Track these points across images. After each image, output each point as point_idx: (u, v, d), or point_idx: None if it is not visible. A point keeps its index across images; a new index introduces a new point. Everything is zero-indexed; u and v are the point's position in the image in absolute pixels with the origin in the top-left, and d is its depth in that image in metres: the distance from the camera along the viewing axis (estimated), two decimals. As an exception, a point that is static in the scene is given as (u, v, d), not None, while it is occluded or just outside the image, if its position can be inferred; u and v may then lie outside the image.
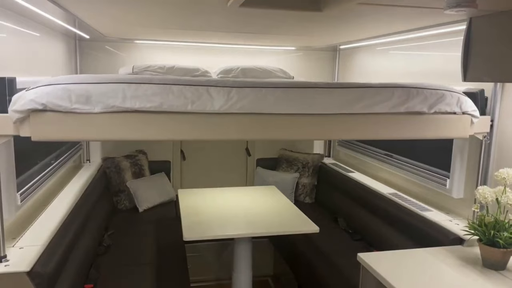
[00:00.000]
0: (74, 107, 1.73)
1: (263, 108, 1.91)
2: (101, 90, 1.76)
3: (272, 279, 4.28)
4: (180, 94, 1.83)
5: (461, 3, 1.66)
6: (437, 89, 2.15)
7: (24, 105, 1.68)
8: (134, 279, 2.75)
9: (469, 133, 2.23)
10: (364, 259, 2.07)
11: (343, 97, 1.99)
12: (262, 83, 1.97)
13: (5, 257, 1.85)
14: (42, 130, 1.73)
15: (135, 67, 3.91)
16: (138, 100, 1.79)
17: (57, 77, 1.89)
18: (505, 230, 1.93)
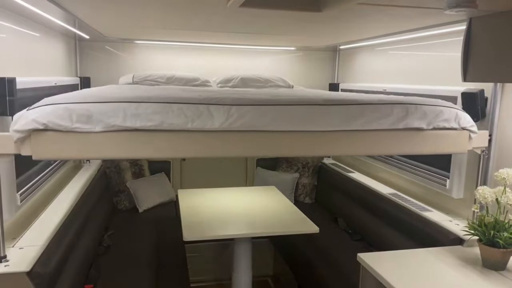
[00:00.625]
0: (75, 127, 1.75)
1: (263, 126, 1.93)
2: (101, 109, 1.78)
3: (272, 279, 4.28)
4: (181, 112, 1.85)
5: (461, 3, 1.66)
6: (435, 105, 2.17)
7: (26, 125, 1.70)
8: (134, 279, 2.75)
9: (467, 148, 2.25)
10: (364, 259, 2.07)
11: (341, 114, 2.01)
12: (261, 100, 1.98)
13: (5, 257, 1.85)
14: (43, 149, 1.75)
15: (135, 76, 3.92)
16: (139, 119, 1.80)
17: (58, 96, 1.91)
18: (505, 230, 1.93)
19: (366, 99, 2.17)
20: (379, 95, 2.69)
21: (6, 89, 2.02)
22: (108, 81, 4.26)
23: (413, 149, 2.17)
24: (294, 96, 2.36)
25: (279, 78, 4.19)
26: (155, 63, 4.38)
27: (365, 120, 2.03)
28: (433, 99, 2.28)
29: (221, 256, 4.03)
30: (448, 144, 2.20)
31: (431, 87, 2.90)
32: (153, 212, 3.96)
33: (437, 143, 2.17)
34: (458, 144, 2.21)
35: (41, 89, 2.84)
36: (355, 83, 4.26)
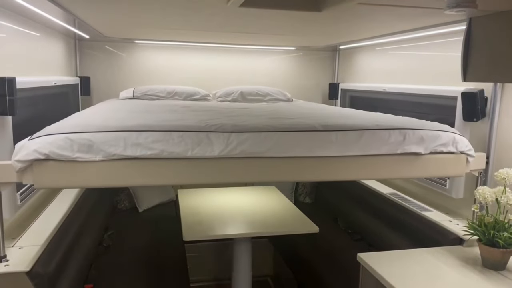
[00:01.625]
0: (76, 156, 1.77)
1: (262, 152, 1.95)
2: (102, 139, 1.80)
3: (272, 279, 4.28)
4: (181, 140, 1.87)
5: (461, 3, 1.66)
6: (433, 130, 2.19)
7: (27, 156, 1.72)
8: (134, 279, 2.75)
9: (465, 172, 2.26)
10: (364, 259, 2.07)
11: (340, 140, 2.04)
12: (260, 127, 2.01)
13: (4, 257, 1.85)
14: (45, 179, 1.78)
15: (136, 91, 3.93)
16: (139, 148, 1.82)
17: (59, 124, 1.94)
18: (505, 230, 1.93)
19: (364, 123, 2.19)
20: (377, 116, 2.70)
21: (6, 89, 2.01)
22: (108, 81, 4.27)
23: (411, 173, 2.20)
24: (293, 118, 2.38)
25: (279, 92, 4.21)
26: (155, 63, 4.38)
27: (363, 146, 2.06)
28: (430, 122, 2.31)
29: (221, 256, 4.03)
30: (446, 168, 2.22)
31: (431, 87, 2.90)
32: (153, 212, 3.96)
33: (435, 167, 2.20)
34: (455, 168, 2.23)
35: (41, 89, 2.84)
36: (355, 83, 4.26)
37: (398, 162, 2.13)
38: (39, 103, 2.89)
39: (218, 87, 4.48)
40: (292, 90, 4.72)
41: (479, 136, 2.47)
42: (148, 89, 3.97)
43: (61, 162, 1.76)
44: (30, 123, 2.71)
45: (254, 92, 4.10)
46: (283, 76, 4.70)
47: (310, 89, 4.77)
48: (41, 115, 2.95)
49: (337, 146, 2.03)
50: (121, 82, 4.31)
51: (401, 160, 2.13)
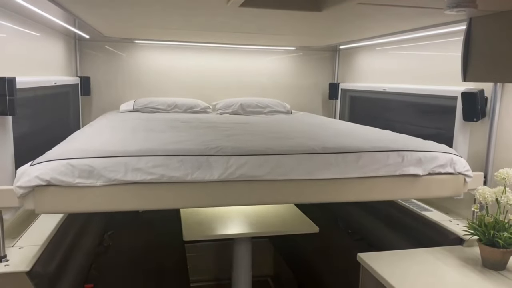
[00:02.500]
0: (77, 182, 1.79)
1: (261, 175, 1.97)
2: (103, 164, 1.82)
3: (272, 279, 4.28)
4: (181, 165, 1.89)
5: (461, 3, 1.66)
6: (430, 151, 2.21)
7: (29, 182, 1.75)
8: (134, 279, 2.75)
9: (463, 192, 2.29)
10: (364, 259, 2.07)
11: (339, 163, 2.07)
12: (259, 150, 2.02)
13: (5, 257, 1.85)
14: (46, 204, 1.80)
15: (136, 103, 3.95)
16: (139, 173, 1.85)
17: (60, 149, 1.96)
18: (505, 230, 1.92)
19: (362, 145, 2.21)
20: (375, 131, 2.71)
21: (6, 89, 2.01)
22: (108, 81, 4.27)
23: (409, 194, 2.24)
24: (293, 139, 2.40)
25: (278, 103, 4.24)
26: (155, 63, 4.38)
27: (361, 168, 2.09)
28: (427, 143, 2.34)
29: (221, 256, 4.03)
30: (444, 189, 2.25)
31: (431, 87, 2.90)
32: (153, 212, 3.94)
33: (433, 188, 2.23)
34: (453, 188, 2.26)
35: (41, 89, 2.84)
36: (355, 83, 4.26)
37: (397, 184, 2.17)
38: (39, 103, 2.88)
39: (218, 88, 4.48)
40: (292, 90, 4.72)
41: (479, 136, 2.47)
42: (148, 102, 4.00)
43: (62, 188, 1.79)
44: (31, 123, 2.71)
45: (254, 104, 4.14)
46: (283, 76, 4.70)
47: (310, 89, 4.77)
48: (41, 115, 2.95)
49: (337, 168, 2.06)
50: (121, 82, 4.32)
51: (399, 181, 2.16)
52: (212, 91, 4.48)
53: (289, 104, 4.43)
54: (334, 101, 4.63)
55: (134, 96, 4.34)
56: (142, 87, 4.36)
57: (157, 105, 3.99)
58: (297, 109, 4.71)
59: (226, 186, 1.96)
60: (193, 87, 4.45)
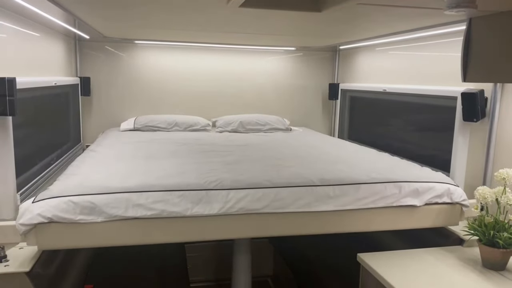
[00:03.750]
0: (78, 219, 1.83)
1: (260, 209, 2.01)
2: (104, 201, 1.86)
3: (272, 279, 4.28)
4: (181, 200, 1.93)
5: (461, 3, 1.66)
6: (427, 182, 2.24)
7: (31, 220, 1.78)
8: (134, 279, 2.75)
9: (459, 221, 2.31)
10: (364, 259, 2.07)
11: (337, 195, 2.10)
12: (258, 183, 2.05)
13: (5, 257, 1.85)
14: (48, 240, 1.84)
15: (136, 122, 3.96)
16: (140, 209, 1.88)
17: (62, 185, 1.98)
18: (505, 231, 1.92)
19: (360, 176, 2.24)
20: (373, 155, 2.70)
21: (6, 89, 2.02)
22: (108, 81, 4.27)
23: (407, 225, 2.26)
24: (292, 167, 2.42)
25: (277, 120, 4.26)
26: (155, 63, 4.38)
27: (360, 200, 2.13)
28: (424, 173, 2.36)
29: (221, 256, 4.03)
30: (441, 219, 2.28)
31: (431, 87, 2.90)
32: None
33: (430, 218, 2.26)
34: (450, 218, 2.29)
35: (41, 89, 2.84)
36: (355, 83, 4.26)
37: (394, 215, 2.20)
38: (39, 103, 2.89)
39: (218, 88, 4.48)
40: (292, 91, 4.73)
41: (479, 136, 2.47)
42: (148, 120, 4.02)
43: (63, 224, 1.82)
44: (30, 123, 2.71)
45: (253, 122, 4.17)
46: (283, 76, 4.70)
47: (310, 89, 4.78)
48: (41, 115, 2.95)
49: (335, 200, 2.10)
50: (121, 83, 4.32)
51: (397, 212, 2.20)
52: (212, 91, 4.48)
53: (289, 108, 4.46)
54: (334, 101, 4.63)
55: (134, 97, 4.34)
56: (142, 87, 4.36)
57: (158, 123, 4.01)
58: (297, 110, 4.72)
59: (226, 220, 1.99)
60: (193, 87, 4.45)
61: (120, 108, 4.28)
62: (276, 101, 4.67)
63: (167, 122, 4.04)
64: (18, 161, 2.23)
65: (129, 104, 4.34)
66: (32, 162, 2.67)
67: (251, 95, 4.61)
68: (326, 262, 3.13)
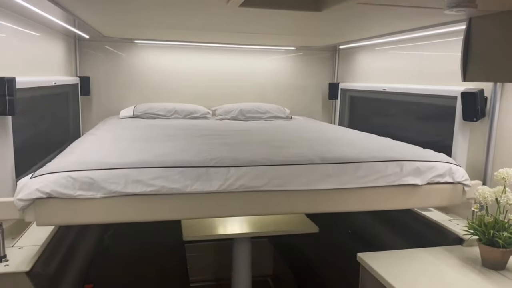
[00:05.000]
0: (77, 194, 1.81)
1: (260, 186, 1.99)
2: (103, 176, 1.84)
3: (272, 279, 4.28)
4: (181, 176, 1.91)
5: (461, 3, 1.66)
6: (429, 161, 2.22)
7: (29, 195, 1.75)
8: (134, 279, 2.75)
9: (461, 201, 2.30)
10: (364, 259, 2.07)
11: (337, 173, 2.08)
12: (259, 161, 2.03)
13: (4, 257, 1.85)
14: (46, 217, 1.82)
15: (136, 110, 3.95)
16: (139, 185, 1.86)
17: (61, 161, 1.97)
18: (505, 230, 1.92)
19: (361, 154, 2.22)
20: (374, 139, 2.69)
21: (5, 89, 2.01)
22: (108, 81, 4.27)
23: (408, 204, 2.25)
24: (292, 148, 2.40)
25: (278, 109, 4.24)
26: (154, 63, 4.38)
27: (360, 178, 2.10)
28: (426, 153, 2.34)
29: (221, 256, 4.03)
30: (442, 198, 2.26)
31: (431, 87, 2.90)
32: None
33: (432, 198, 2.24)
34: (452, 198, 2.28)
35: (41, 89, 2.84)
36: (355, 83, 4.26)
37: (395, 194, 2.18)
38: (39, 103, 2.88)
39: (218, 88, 4.48)
40: (292, 90, 4.73)
41: (479, 136, 2.47)
42: (148, 108, 4.00)
43: (62, 200, 1.80)
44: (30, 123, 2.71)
45: (253, 110, 4.14)
46: (283, 75, 4.70)
47: (310, 89, 4.78)
48: (41, 115, 2.95)
49: (335, 179, 2.08)
50: (121, 82, 4.31)
51: (398, 191, 2.18)
52: (211, 91, 4.48)
53: (289, 107, 4.43)
54: (334, 101, 4.63)
55: (134, 96, 4.34)
56: (142, 87, 4.36)
57: (157, 111, 4.00)
58: (297, 110, 4.71)
59: (226, 197, 1.98)
60: (192, 87, 4.45)
61: (120, 108, 4.27)
62: (276, 100, 4.66)
63: (167, 109, 4.02)
64: (17, 160, 2.23)
65: (128, 104, 4.33)
66: (32, 162, 2.67)
67: (251, 95, 4.61)
68: (326, 262, 3.13)
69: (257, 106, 4.22)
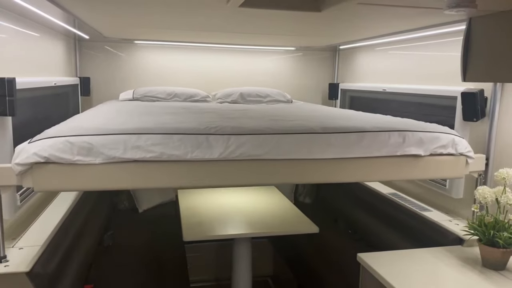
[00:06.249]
0: (76, 159, 1.78)
1: (261, 155, 1.96)
2: (102, 142, 1.80)
3: (272, 279, 4.28)
4: (180, 143, 1.87)
5: (460, 3, 1.66)
6: (432, 131, 2.20)
7: (27, 159, 1.72)
8: (134, 279, 2.75)
9: (464, 173, 2.28)
10: (364, 259, 2.07)
11: (339, 142, 2.04)
12: (260, 129, 2.01)
13: (4, 258, 1.85)
14: (45, 182, 1.78)
15: (135, 92, 3.94)
16: (139, 151, 1.83)
17: (59, 127, 1.93)
18: (505, 230, 1.93)
19: (363, 125, 2.19)
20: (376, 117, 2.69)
21: (5, 89, 2.02)
22: (108, 81, 4.27)
23: (411, 175, 2.21)
24: (292, 120, 2.38)
25: (278, 93, 4.21)
26: (154, 63, 4.38)
27: (362, 148, 2.07)
28: (429, 124, 2.31)
29: (221, 256, 4.03)
30: (445, 170, 2.24)
31: (430, 87, 2.90)
32: (153, 212, 3.96)
33: (435, 169, 2.21)
34: (455, 170, 2.25)
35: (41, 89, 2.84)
36: (355, 83, 4.26)
37: (398, 164, 2.14)
38: (39, 103, 2.88)
39: (218, 88, 4.48)
40: (292, 90, 4.72)
41: (479, 136, 2.47)
42: (147, 91, 3.97)
43: (61, 165, 1.76)
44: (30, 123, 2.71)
45: (254, 93, 4.10)
46: (283, 76, 4.70)
47: (310, 89, 4.78)
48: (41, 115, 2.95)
49: (337, 148, 2.03)
50: (120, 82, 4.31)
51: (400, 162, 2.14)
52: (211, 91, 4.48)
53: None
54: (334, 101, 4.62)
55: (134, 96, 4.33)
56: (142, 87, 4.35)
57: (156, 94, 3.96)
58: (297, 109, 4.70)
59: (226, 166, 1.94)
60: (192, 87, 4.45)
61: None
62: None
63: (166, 92, 4.00)
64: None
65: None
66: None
67: (251, 95, 4.60)
68: (326, 262, 3.13)
69: (257, 90, 4.18)
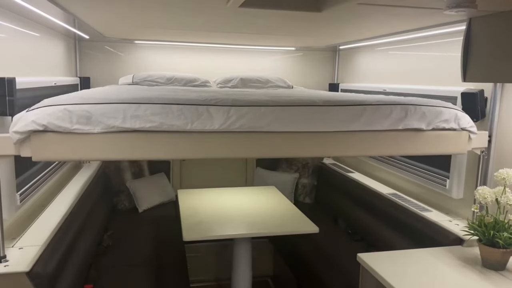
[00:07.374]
0: (74, 128, 1.75)
1: (262, 127, 1.93)
2: (101, 110, 1.78)
3: (272, 279, 4.28)
4: (180, 113, 1.85)
5: (461, 3, 1.66)
6: (434, 106, 2.18)
7: (25, 127, 1.70)
8: (134, 279, 2.75)
9: (467, 149, 2.26)
10: (364, 259, 2.07)
11: (341, 115, 2.01)
12: (260, 102, 1.99)
13: (4, 257, 1.85)
14: (43, 151, 1.75)
15: (135, 77, 3.92)
16: (138, 120, 1.80)
17: (58, 97, 1.90)
18: (505, 230, 1.93)
19: (365, 99, 2.17)
20: (378, 95, 2.69)
21: (5, 89, 2.02)
22: (108, 81, 4.27)
23: (413, 149, 2.18)
24: (293, 97, 2.36)
25: (279, 79, 4.19)
26: (154, 63, 4.38)
27: (364, 121, 2.03)
28: (432, 100, 2.28)
29: (221, 256, 4.03)
30: (448, 145, 2.21)
31: (431, 87, 2.90)
32: (153, 212, 3.96)
33: (437, 144, 2.18)
34: (457, 145, 2.22)
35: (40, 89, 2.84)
36: (355, 83, 4.26)
37: (400, 138, 2.11)
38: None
39: (218, 87, 4.46)
40: (292, 90, 4.72)
41: (479, 136, 2.47)
42: (147, 75, 3.95)
43: (59, 134, 1.74)
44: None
45: (254, 79, 4.07)
46: (283, 76, 4.69)
47: (310, 89, 4.77)
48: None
49: (338, 121, 2.00)
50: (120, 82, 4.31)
51: (402, 136, 2.11)
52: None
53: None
54: (334, 101, 4.62)
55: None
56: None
57: (156, 78, 3.94)
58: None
59: (226, 137, 1.92)
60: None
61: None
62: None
63: (166, 77, 3.98)
64: (17, 161, 2.23)
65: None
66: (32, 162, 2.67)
67: (251, 95, 4.60)
68: (326, 262, 3.13)
69: (258, 75, 4.16)
